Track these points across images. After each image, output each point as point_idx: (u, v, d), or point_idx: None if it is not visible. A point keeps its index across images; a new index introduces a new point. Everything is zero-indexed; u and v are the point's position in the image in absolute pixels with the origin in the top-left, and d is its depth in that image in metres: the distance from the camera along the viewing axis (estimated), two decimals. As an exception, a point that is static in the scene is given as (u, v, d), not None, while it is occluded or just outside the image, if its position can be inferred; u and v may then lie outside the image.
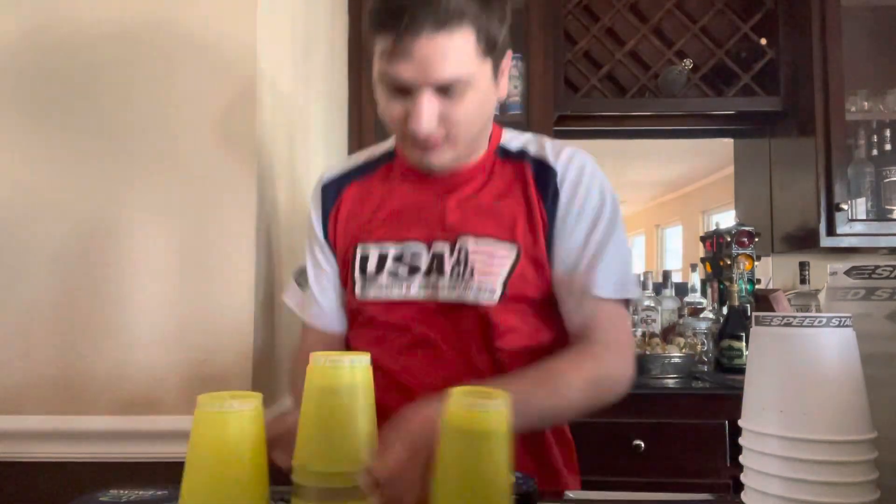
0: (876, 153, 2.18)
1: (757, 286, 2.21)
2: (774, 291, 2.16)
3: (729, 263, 2.18)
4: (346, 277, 1.01)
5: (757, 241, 2.20)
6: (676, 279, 2.36)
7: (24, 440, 1.09)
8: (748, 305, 2.07)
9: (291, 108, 1.43)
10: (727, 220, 2.45)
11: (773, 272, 2.46)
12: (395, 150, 1.04)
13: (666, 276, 2.33)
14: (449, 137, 0.89)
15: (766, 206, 2.43)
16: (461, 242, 0.93)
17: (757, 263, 2.20)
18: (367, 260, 0.97)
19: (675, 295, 2.27)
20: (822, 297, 2.04)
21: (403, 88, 0.85)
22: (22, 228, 1.14)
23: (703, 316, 2.16)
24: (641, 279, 2.31)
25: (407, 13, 0.79)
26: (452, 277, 0.93)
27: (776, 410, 0.59)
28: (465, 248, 0.93)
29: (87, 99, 1.15)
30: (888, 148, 2.16)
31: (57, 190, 1.14)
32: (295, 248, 1.45)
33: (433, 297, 0.94)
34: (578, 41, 2.27)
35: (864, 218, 2.11)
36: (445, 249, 0.94)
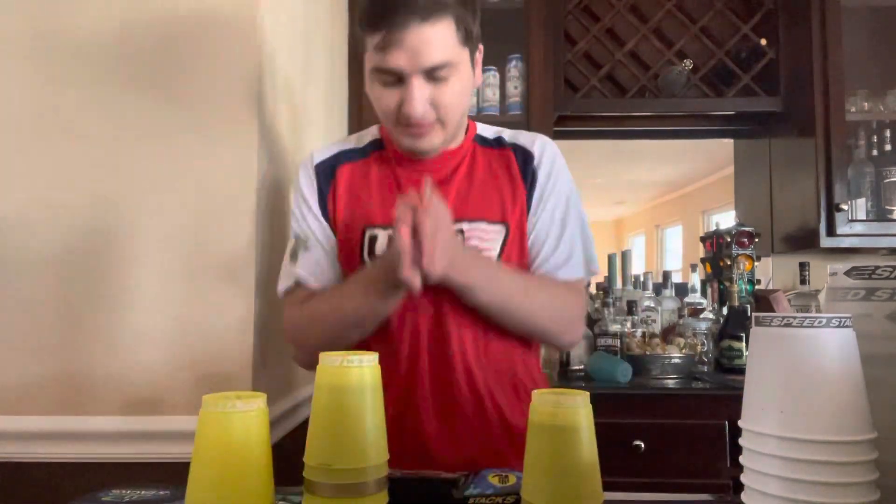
0: (876, 153, 2.18)
1: (757, 286, 2.21)
2: (774, 292, 2.16)
3: (729, 264, 2.19)
4: (349, 257, 1.05)
5: (757, 241, 2.20)
6: (676, 279, 2.37)
7: (24, 440, 1.10)
8: (748, 306, 2.07)
9: (293, 107, 1.43)
10: (727, 220, 2.46)
11: (773, 272, 2.46)
12: (381, 138, 1.10)
13: (666, 276, 2.33)
14: (438, 120, 0.98)
15: (766, 206, 2.43)
16: (457, 226, 1.02)
17: (757, 264, 2.20)
18: (375, 241, 1.03)
19: (675, 295, 2.27)
20: (822, 297, 2.04)
21: (395, 78, 0.94)
22: (23, 229, 1.14)
23: (703, 316, 2.16)
24: (641, 279, 2.31)
25: (396, 9, 0.90)
26: None
27: (776, 411, 0.60)
28: (461, 230, 1.02)
29: (87, 99, 1.16)
30: (888, 148, 2.17)
31: (57, 190, 1.14)
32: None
33: None
34: (578, 41, 2.27)
35: (864, 218, 2.11)
36: None
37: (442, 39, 0.92)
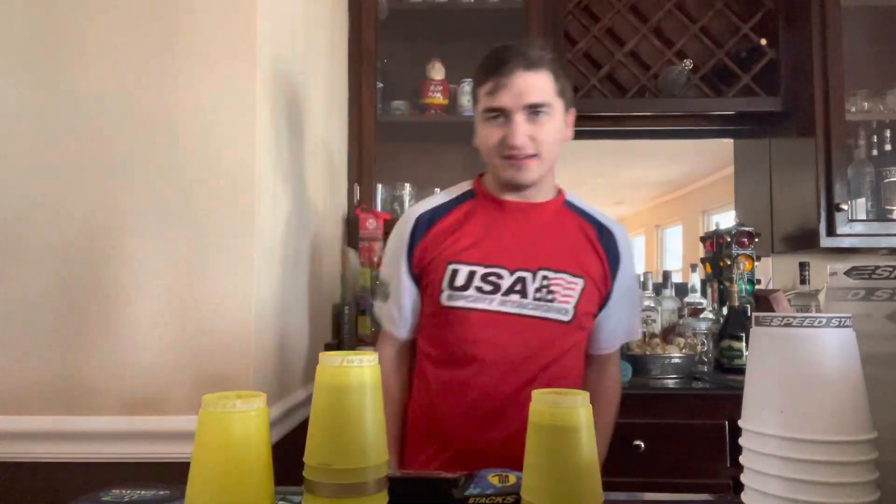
0: (876, 153, 2.18)
1: (757, 286, 2.21)
2: (774, 292, 2.16)
3: (729, 264, 2.18)
4: (431, 287, 1.22)
5: (757, 241, 2.20)
6: (676, 279, 2.36)
7: (25, 440, 1.10)
8: (748, 306, 2.07)
9: (292, 107, 1.43)
10: (727, 220, 2.45)
11: (773, 272, 2.46)
12: (473, 189, 1.28)
13: (666, 276, 2.33)
14: (536, 154, 1.17)
15: (766, 206, 2.43)
16: (542, 272, 1.20)
17: (757, 264, 2.20)
18: (455, 275, 1.19)
19: (675, 295, 2.27)
20: (822, 297, 2.05)
21: (502, 116, 1.16)
22: (23, 229, 1.14)
23: (703, 316, 2.16)
24: (641, 279, 2.31)
25: (506, 61, 1.15)
26: (537, 299, 1.19)
27: (776, 411, 0.60)
28: (546, 276, 1.20)
29: (87, 99, 1.15)
30: (888, 148, 2.16)
31: (58, 190, 1.14)
32: (297, 247, 1.45)
33: (518, 312, 1.19)
34: (578, 41, 2.27)
35: (864, 218, 2.10)
36: (528, 276, 1.19)
37: (541, 85, 1.16)
